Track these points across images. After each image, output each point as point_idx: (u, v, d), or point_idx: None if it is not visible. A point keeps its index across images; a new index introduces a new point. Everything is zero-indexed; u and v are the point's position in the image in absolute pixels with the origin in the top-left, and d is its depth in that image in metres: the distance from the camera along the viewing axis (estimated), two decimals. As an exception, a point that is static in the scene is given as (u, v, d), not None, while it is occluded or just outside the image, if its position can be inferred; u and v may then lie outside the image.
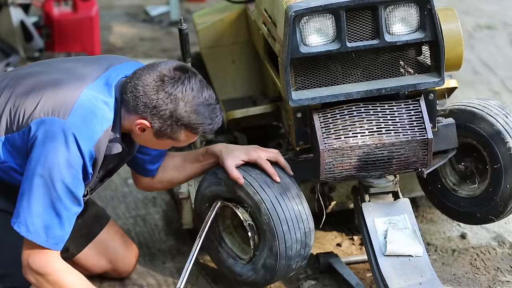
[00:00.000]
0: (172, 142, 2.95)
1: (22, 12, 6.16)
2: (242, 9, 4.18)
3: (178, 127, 2.86)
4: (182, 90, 2.82)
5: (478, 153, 3.43)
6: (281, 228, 3.05)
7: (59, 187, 2.77)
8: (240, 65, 4.21)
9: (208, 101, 2.87)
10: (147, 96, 2.82)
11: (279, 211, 3.05)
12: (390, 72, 3.16)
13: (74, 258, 3.39)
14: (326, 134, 3.12)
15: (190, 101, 2.83)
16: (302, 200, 3.13)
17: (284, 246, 3.06)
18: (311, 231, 3.14)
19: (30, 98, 2.85)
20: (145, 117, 2.85)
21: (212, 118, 2.88)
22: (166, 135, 2.89)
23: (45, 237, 2.80)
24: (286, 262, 3.10)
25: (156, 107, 2.82)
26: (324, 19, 3.03)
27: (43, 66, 3.08)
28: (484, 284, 3.39)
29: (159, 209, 4.15)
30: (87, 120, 2.81)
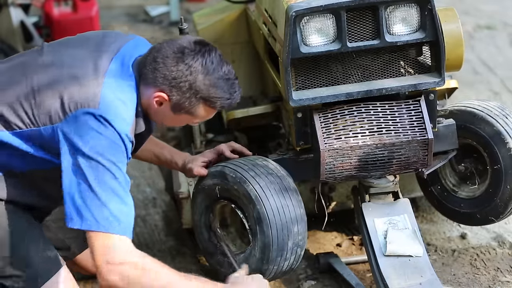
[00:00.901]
0: (189, 118, 2.88)
1: (22, 12, 6.17)
2: (242, 9, 4.18)
3: (196, 100, 2.81)
4: (202, 63, 2.78)
5: (478, 154, 3.43)
6: (276, 232, 3.04)
7: (112, 168, 2.68)
8: (240, 65, 4.21)
9: (228, 75, 2.83)
10: (166, 67, 2.78)
11: (275, 213, 3.04)
12: (390, 72, 3.16)
13: (75, 258, 3.39)
14: (326, 134, 3.12)
15: (210, 74, 2.79)
16: (300, 204, 3.11)
17: (276, 249, 3.05)
18: (304, 232, 3.12)
19: (50, 95, 2.78)
20: (163, 89, 2.80)
21: (231, 93, 2.84)
22: (184, 109, 2.83)
23: (117, 224, 2.66)
24: (277, 266, 3.09)
25: (176, 79, 2.77)
26: (325, 19, 3.03)
27: (52, 55, 2.97)
28: (484, 284, 3.40)
29: (159, 210, 4.15)
30: (117, 108, 2.75)
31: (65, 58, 2.90)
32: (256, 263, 3.06)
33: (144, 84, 2.84)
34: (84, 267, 3.42)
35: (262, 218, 3.01)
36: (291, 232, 3.04)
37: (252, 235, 3.07)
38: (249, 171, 3.07)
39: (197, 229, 3.26)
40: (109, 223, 2.63)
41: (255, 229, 3.04)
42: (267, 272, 3.06)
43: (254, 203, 3.01)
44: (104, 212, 2.64)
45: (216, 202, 3.19)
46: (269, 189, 3.04)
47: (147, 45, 2.97)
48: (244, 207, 3.07)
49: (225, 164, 3.14)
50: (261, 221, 3.01)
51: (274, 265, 3.06)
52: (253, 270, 3.06)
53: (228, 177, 3.08)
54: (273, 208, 3.02)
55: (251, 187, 3.03)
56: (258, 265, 3.06)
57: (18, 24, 6.02)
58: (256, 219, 3.02)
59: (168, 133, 5.20)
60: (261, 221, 3.01)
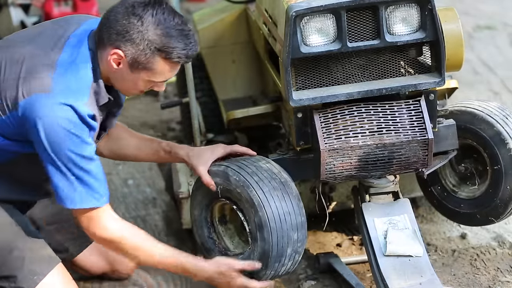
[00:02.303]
0: (149, 75, 2.85)
1: (22, 12, 6.18)
2: (242, 9, 4.18)
3: (151, 52, 2.79)
4: (152, 13, 2.77)
5: (478, 155, 3.43)
6: (276, 237, 3.02)
7: (73, 159, 2.77)
8: (240, 65, 4.21)
9: (181, 26, 2.81)
10: (118, 22, 2.78)
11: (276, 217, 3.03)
12: (390, 72, 3.16)
13: (74, 259, 3.39)
14: (326, 134, 3.12)
15: (162, 24, 2.77)
16: (300, 209, 3.11)
17: (275, 256, 3.04)
18: (304, 239, 3.12)
19: (9, 80, 2.82)
20: (118, 45, 2.79)
21: (186, 43, 2.81)
22: (141, 64, 2.81)
23: (85, 200, 2.82)
24: (276, 268, 3.09)
25: (128, 32, 2.77)
26: (325, 19, 3.03)
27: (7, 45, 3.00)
28: (484, 284, 3.40)
29: (159, 210, 4.15)
30: (71, 84, 2.78)
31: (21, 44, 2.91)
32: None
33: (100, 48, 2.84)
34: (83, 268, 3.42)
35: (263, 225, 3.00)
36: (291, 240, 3.04)
37: (252, 239, 3.06)
38: (252, 176, 3.05)
39: (196, 224, 3.25)
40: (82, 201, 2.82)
41: (255, 234, 3.03)
42: (263, 276, 3.07)
43: (257, 209, 3.00)
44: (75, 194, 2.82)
45: (217, 200, 3.18)
46: (272, 195, 3.02)
47: None
48: (245, 210, 3.06)
49: (228, 164, 3.12)
50: (262, 228, 3.00)
51: (271, 271, 3.07)
52: (250, 273, 3.06)
53: (231, 179, 3.06)
54: (275, 215, 3.01)
55: (254, 193, 3.01)
56: (255, 269, 3.06)
57: (18, 24, 6.03)
58: (257, 225, 3.01)
59: (168, 133, 5.20)
60: (262, 227, 3.00)
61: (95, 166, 2.82)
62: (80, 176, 2.78)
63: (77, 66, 2.81)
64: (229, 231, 3.28)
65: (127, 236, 2.93)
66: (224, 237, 3.26)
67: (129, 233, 2.94)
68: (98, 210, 2.86)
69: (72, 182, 2.79)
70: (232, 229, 3.28)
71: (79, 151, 2.77)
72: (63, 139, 2.74)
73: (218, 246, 3.22)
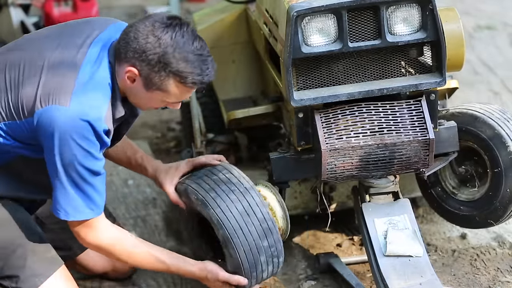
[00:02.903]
0: (162, 95, 2.84)
1: (22, 12, 6.18)
2: (242, 9, 4.18)
3: (166, 74, 2.77)
4: (172, 36, 2.75)
5: (478, 157, 3.43)
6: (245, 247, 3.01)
7: (81, 172, 2.77)
8: (241, 65, 4.21)
9: (199, 51, 2.79)
10: (136, 40, 2.76)
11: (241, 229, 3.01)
12: (391, 72, 3.16)
13: (77, 257, 3.40)
14: (327, 134, 3.12)
15: (180, 48, 2.75)
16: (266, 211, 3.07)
17: (248, 267, 3.03)
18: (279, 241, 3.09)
19: (27, 86, 2.81)
20: (133, 63, 2.78)
21: (203, 69, 2.79)
22: (155, 85, 2.80)
23: (81, 212, 2.83)
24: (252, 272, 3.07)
25: (145, 51, 2.75)
26: (326, 19, 3.03)
27: (28, 47, 2.99)
28: (484, 284, 3.40)
29: (159, 210, 4.15)
30: (90, 99, 2.77)
31: (42, 49, 2.89)
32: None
33: (118, 62, 2.83)
34: (86, 267, 3.42)
35: (227, 242, 2.98)
36: (261, 248, 3.01)
37: (226, 257, 3.05)
38: (210, 192, 3.03)
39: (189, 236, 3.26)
40: (77, 214, 2.84)
41: (224, 251, 3.03)
42: (247, 286, 3.07)
43: (217, 227, 2.99)
44: (74, 205, 2.83)
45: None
46: (230, 210, 2.99)
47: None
48: (212, 227, 3.06)
49: (189, 182, 3.11)
50: (226, 245, 2.99)
51: (251, 279, 3.06)
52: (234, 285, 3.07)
53: (192, 198, 3.06)
54: (236, 230, 2.98)
55: (212, 211, 2.99)
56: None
57: (18, 24, 6.03)
58: (222, 242, 3.01)
59: (168, 133, 5.21)
60: (227, 244, 2.99)
61: (100, 181, 2.83)
62: (83, 188, 2.80)
63: (96, 81, 2.80)
64: None
65: (118, 242, 2.94)
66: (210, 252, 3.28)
67: (120, 239, 2.96)
68: (93, 220, 2.87)
69: (73, 195, 2.80)
70: None
71: (89, 165, 2.77)
72: (75, 155, 2.74)
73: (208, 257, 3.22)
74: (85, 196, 2.81)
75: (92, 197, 2.82)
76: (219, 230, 2.99)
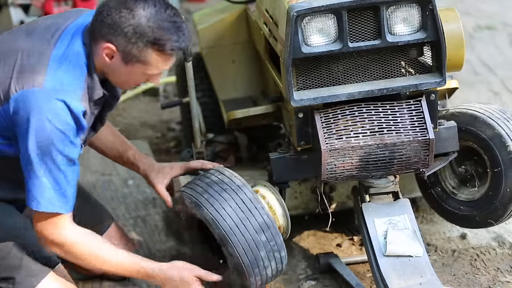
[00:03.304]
0: (143, 68, 2.85)
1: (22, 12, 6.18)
2: (242, 9, 4.18)
3: (144, 44, 2.79)
4: (144, 6, 2.78)
5: (478, 157, 3.43)
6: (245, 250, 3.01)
7: (56, 159, 2.77)
8: (241, 65, 4.21)
9: (173, 18, 2.81)
10: (110, 16, 2.79)
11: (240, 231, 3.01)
12: (391, 72, 3.16)
13: None
14: (327, 134, 3.12)
15: (154, 17, 2.78)
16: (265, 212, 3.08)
17: (249, 264, 3.01)
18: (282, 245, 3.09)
19: (2, 72, 2.82)
20: (110, 39, 2.80)
21: (179, 35, 2.81)
22: (135, 57, 2.81)
23: (53, 204, 2.81)
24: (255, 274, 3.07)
25: (119, 26, 2.77)
26: (326, 19, 3.03)
27: (3, 41, 3.01)
28: (484, 284, 3.40)
29: (159, 210, 4.15)
30: (64, 79, 2.79)
31: (12, 50, 2.91)
32: (237, 280, 3.05)
33: (94, 42, 2.84)
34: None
35: (224, 240, 2.98)
36: (259, 243, 3.00)
37: (226, 257, 3.04)
38: (203, 194, 3.04)
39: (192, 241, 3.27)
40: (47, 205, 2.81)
41: (224, 250, 3.02)
42: (252, 285, 3.05)
43: (213, 227, 2.99)
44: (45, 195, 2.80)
45: None
46: (224, 208, 3.00)
47: None
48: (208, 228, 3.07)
49: (183, 189, 3.13)
50: (224, 244, 2.99)
51: (255, 277, 3.04)
52: (238, 285, 3.06)
53: (187, 203, 3.07)
54: (232, 227, 2.98)
55: (206, 211, 3.00)
56: (239, 282, 3.06)
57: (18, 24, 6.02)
58: (220, 242, 3.00)
59: (168, 133, 5.21)
60: (224, 243, 2.99)
61: (72, 172, 2.82)
62: (57, 177, 2.78)
63: (70, 61, 2.81)
64: None
65: (81, 241, 2.92)
66: None
67: (84, 238, 2.93)
68: (60, 216, 2.85)
69: (46, 184, 2.78)
70: None
71: (65, 151, 2.76)
72: (52, 139, 2.74)
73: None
74: (58, 186, 2.79)
75: (65, 189, 2.80)
76: (215, 230, 2.99)
